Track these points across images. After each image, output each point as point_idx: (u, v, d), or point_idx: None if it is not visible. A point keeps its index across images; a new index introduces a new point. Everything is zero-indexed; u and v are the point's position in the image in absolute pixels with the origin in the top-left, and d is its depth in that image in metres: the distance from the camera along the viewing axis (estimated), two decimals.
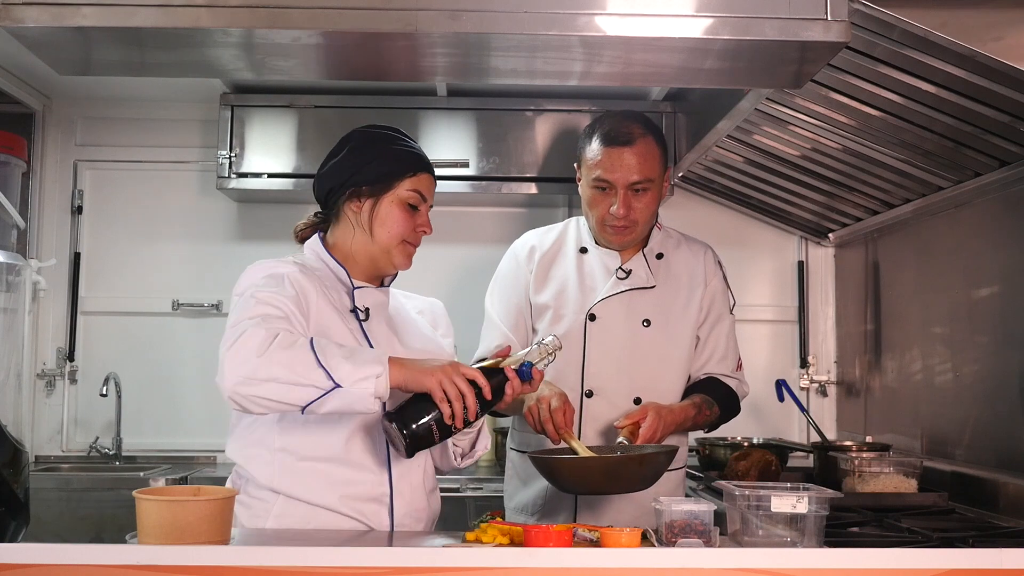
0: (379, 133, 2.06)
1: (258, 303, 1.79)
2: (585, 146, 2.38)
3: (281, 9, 1.69)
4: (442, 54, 1.86)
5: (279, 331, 1.71)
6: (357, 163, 1.99)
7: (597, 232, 2.43)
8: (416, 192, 2.01)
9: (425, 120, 3.65)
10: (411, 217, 2.01)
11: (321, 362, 1.68)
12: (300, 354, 1.68)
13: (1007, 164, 2.50)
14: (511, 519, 2.39)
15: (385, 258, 2.00)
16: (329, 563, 1.42)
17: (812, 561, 1.45)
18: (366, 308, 1.99)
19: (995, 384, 2.66)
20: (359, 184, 1.98)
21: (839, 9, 1.72)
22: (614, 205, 2.32)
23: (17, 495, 2.07)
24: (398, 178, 1.99)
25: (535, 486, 2.43)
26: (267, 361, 1.68)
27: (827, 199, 3.41)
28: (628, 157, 2.30)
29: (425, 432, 1.78)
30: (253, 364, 1.68)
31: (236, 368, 1.69)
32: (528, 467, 2.36)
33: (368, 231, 1.98)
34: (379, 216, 1.98)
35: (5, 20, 1.68)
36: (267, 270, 1.91)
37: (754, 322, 3.93)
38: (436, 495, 2.09)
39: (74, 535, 3.16)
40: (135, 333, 3.93)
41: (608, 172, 2.31)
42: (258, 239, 3.94)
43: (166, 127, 3.96)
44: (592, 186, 2.35)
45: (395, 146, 2.02)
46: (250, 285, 1.86)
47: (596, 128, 2.37)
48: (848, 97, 2.47)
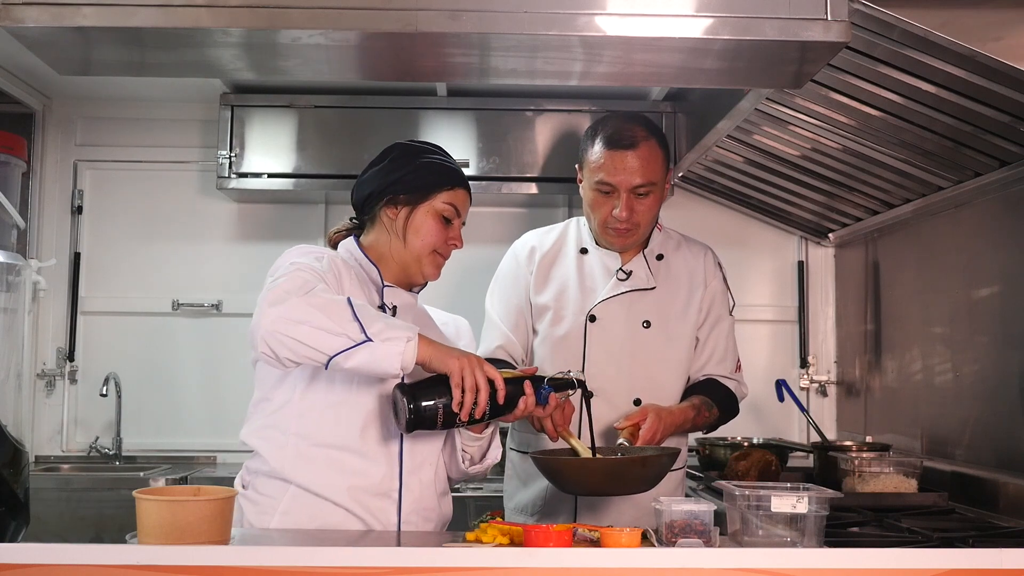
0: (421, 146, 2.13)
1: (297, 269, 1.84)
2: (587, 148, 2.37)
3: (281, 9, 1.69)
4: (442, 54, 1.86)
5: (319, 283, 1.80)
6: (398, 172, 2.05)
7: (599, 234, 2.43)
8: (451, 205, 2.05)
9: (425, 120, 3.64)
10: (444, 229, 2.06)
11: (357, 315, 1.74)
12: (337, 304, 1.75)
13: (1007, 164, 2.50)
14: (511, 519, 2.39)
15: (416, 266, 2.05)
16: (329, 563, 1.42)
17: (812, 561, 1.45)
18: (394, 306, 2.04)
19: (995, 384, 2.66)
20: (397, 192, 2.04)
21: (839, 9, 1.72)
22: (616, 208, 2.32)
23: (17, 495, 2.07)
24: (436, 190, 2.04)
25: (535, 486, 2.43)
26: (305, 303, 1.74)
27: (827, 199, 3.41)
28: (631, 160, 2.30)
29: (430, 413, 1.79)
30: (291, 303, 1.74)
31: (273, 307, 1.73)
32: (528, 467, 2.36)
33: (402, 238, 2.04)
34: (413, 224, 2.03)
35: (5, 20, 1.68)
36: (307, 249, 1.98)
37: (754, 322, 3.93)
38: (448, 499, 2.11)
39: (74, 535, 3.16)
40: (135, 333, 3.93)
41: (611, 175, 2.30)
42: (258, 239, 3.95)
43: (166, 127, 3.96)
44: (594, 188, 2.35)
45: (435, 159, 2.09)
46: (288, 262, 1.91)
47: (599, 130, 2.36)
48: (848, 97, 2.47)
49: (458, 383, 1.77)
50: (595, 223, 2.40)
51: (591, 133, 2.39)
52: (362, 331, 1.72)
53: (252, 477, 1.98)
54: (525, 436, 2.46)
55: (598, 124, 2.39)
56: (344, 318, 1.73)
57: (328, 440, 1.93)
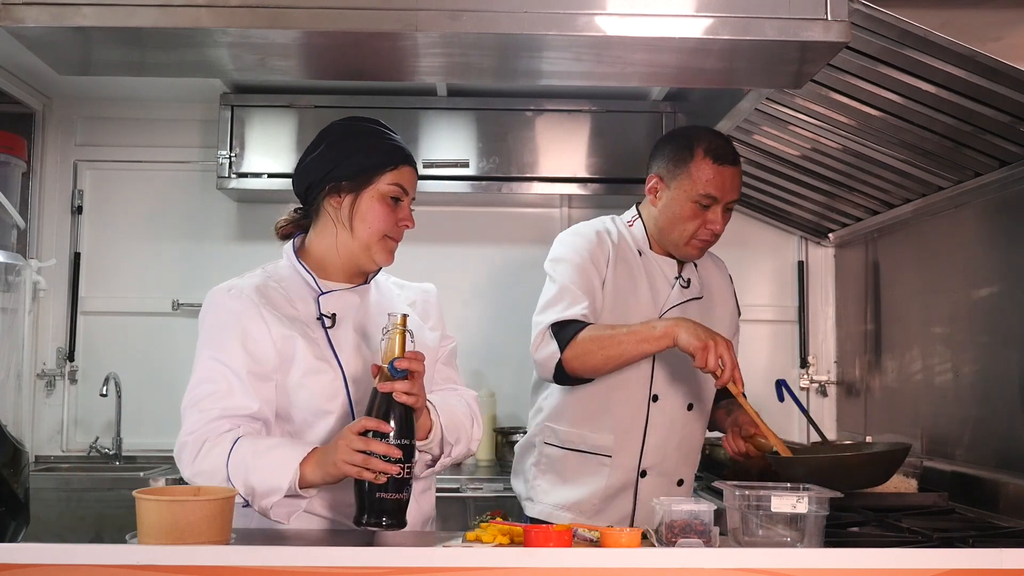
0: (358, 126, 1.99)
1: (199, 382, 1.89)
2: (686, 161, 2.32)
3: (281, 9, 1.69)
4: (442, 54, 1.85)
5: (206, 438, 1.83)
6: (336, 158, 1.93)
7: (679, 244, 2.38)
8: (397, 186, 1.94)
9: (425, 120, 3.65)
10: (392, 211, 1.94)
11: (232, 481, 1.78)
12: (217, 469, 1.80)
13: (1007, 164, 2.50)
14: (552, 517, 2.36)
15: (366, 255, 1.96)
16: (329, 563, 1.42)
17: (812, 561, 1.45)
18: (332, 315, 1.95)
19: (995, 384, 2.66)
20: (338, 179, 1.93)
21: (839, 9, 1.72)
22: (711, 221, 2.32)
23: (17, 495, 2.07)
24: (378, 172, 1.93)
25: (585, 484, 2.38)
26: (197, 472, 1.83)
27: (827, 199, 3.41)
28: (732, 176, 2.32)
29: (386, 504, 1.68)
30: (189, 473, 1.85)
31: (182, 468, 1.88)
32: (575, 465, 2.37)
33: (348, 227, 1.94)
34: (359, 212, 1.93)
35: (5, 20, 1.68)
36: (215, 316, 1.94)
37: (754, 322, 3.93)
38: (428, 496, 2.05)
39: (74, 535, 3.16)
40: (135, 333, 3.93)
41: (717, 189, 2.30)
42: (258, 239, 3.94)
43: (166, 127, 3.96)
44: (694, 201, 2.31)
45: (374, 139, 1.96)
46: (203, 339, 1.94)
47: (697, 143, 2.32)
48: (848, 97, 2.47)
49: (357, 472, 1.69)
50: (681, 234, 2.36)
51: (686, 145, 2.33)
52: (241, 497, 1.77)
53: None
54: (568, 432, 2.40)
55: (692, 137, 2.34)
56: (223, 481, 1.79)
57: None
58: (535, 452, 2.47)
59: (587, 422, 2.38)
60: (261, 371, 1.88)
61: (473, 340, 3.76)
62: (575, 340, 2.23)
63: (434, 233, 3.96)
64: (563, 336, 2.24)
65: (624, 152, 3.69)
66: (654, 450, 2.39)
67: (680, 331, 2.15)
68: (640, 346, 2.19)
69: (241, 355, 1.87)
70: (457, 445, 1.96)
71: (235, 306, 1.91)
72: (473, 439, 2.01)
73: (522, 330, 3.97)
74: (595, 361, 2.23)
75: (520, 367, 3.86)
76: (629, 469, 2.38)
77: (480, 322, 3.94)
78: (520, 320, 4.00)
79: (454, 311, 2.29)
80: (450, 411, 1.96)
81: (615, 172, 3.69)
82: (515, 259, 4.00)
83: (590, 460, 2.38)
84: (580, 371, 2.25)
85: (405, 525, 1.71)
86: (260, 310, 1.90)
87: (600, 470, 2.37)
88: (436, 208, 3.97)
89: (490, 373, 3.89)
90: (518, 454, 2.55)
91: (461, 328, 2.29)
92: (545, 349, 2.27)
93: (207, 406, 1.85)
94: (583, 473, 2.38)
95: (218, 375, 1.87)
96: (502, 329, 3.94)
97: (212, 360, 1.88)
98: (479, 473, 3.53)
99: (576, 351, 2.23)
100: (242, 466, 1.77)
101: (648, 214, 2.44)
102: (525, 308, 4.00)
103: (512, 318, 3.97)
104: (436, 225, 3.98)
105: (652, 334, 2.18)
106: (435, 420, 1.89)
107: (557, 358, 2.24)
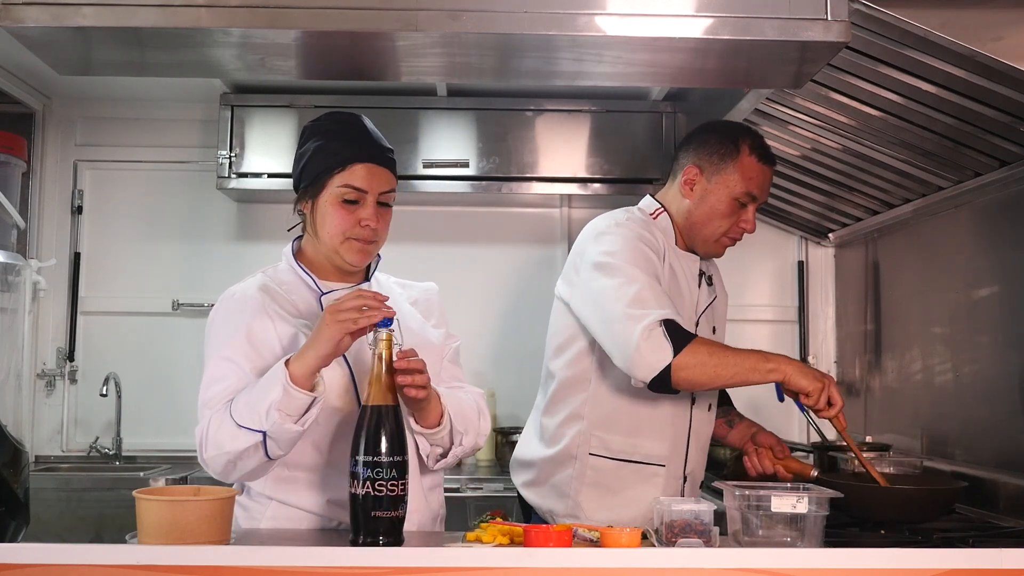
0: (318, 126, 1.96)
1: (211, 381, 1.88)
2: (734, 156, 2.23)
3: (281, 9, 1.69)
4: (442, 54, 1.85)
5: (210, 417, 1.83)
6: (296, 164, 1.96)
7: (709, 242, 2.29)
8: (348, 187, 1.89)
9: (425, 120, 3.64)
10: (350, 213, 1.90)
11: (239, 423, 1.77)
12: (225, 424, 1.80)
13: (1007, 164, 2.50)
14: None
15: (336, 257, 1.94)
16: (329, 563, 1.42)
17: (812, 561, 1.45)
18: None
19: (995, 384, 2.66)
20: (300, 186, 1.95)
21: (839, 9, 1.72)
22: (744, 220, 2.27)
23: (17, 495, 2.07)
24: (327, 175, 1.90)
25: (637, 496, 2.23)
26: (215, 444, 1.81)
27: (827, 199, 3.41)
28: (770, 177, 2.29)
29: (382, 523, 1.64)
30: (211, 453, 1.83)
31: (206, 464, 1.86)
32: (625, 475, 2.24)
33: (315, 233, 1.94)
34: (319, 216, 1.92)
35: (5, 20, 1.68)
36: (223, 318, 1.94)
37: (754, 322, 3.94)
38: (437, 493, 2.04)
39: (74, 535, 3.16)
40: (135, 333, 3.93)
41: (758, 188, 2.25)
42: (258, 239, 3.95)
43: (166, 127, 3.97)
44: (734, 197, 2.23)
45: (325, 140, 1.93)
46: (211, 342, 1.93)
47: (742, 141, 2.24)
48: (848, 97, 2.47)
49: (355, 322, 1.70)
50: (714, 230, 2.27)
51: (731, 139, 2.25)
52: (253, 431, 1.76)
53: (242, 486, 1.99)
54: (622, 443, 2.26)
55: (738, 135, 2.26)
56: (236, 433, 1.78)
57: (302, 462, 1.91)
58: (575, 464, 2.26)
59: (641, 430, 2.25)
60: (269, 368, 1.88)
61: (473, 340, 3.76)
62: (691, 347, 2.03)
63: (434, 233, 3.96)
64: (678, 339, 2.04)
65: (624, 152, 3.70)
66: (695, 454, 2.32)
67: (792, 371, 2.06)
68: (749, 375, 2.07)
69: (250, 353, 1.88)
70: (466, 436, 1.94)
71: (241, 307, 1.93)
72: (481, 432, 1.99)
73: (522, 330, 4.00)
74: (703, 376, 2.05)
75: (520, 367, 3.88)
76: (677, 477, 2.29)
77: (480, 322, 3.94)
78: (520, 320, 4.02)
79: (454, 311, 2.27)
80: (457, 403, 1.96)
81: (615, 172, 3.69)
82: (515, 259, 4.01)
83: (644, 471, 2.25)
84: (682, 381, 2.05)
85: (402, 542, 1.69)
86: (266, 309, 1.92)
87: (653, 480, 2.25)
88: (436, 208, 3.97)
89: (490, 373, 3.88)
90: (543, 467, 2.32)
91: (461, 328, 2.27)
92: (657, 348, 2.03)
93: (218, 403, 1.86)
94: (635, 484, 2.24)
95: (229, 373, 1.87)
96: (502, 329, 3.94)
97: (222, 360, 1.89)
98: (479, 473, 3.53)
99: (689, 360, 2.02)
100: (239, 403, 1.79)
101: (679, 207, 2.30)
102: (525, 308, 4.03)
103: (512, 318, 3.98)
104: (436, 225, 3.98)
105: (764, 366, 2.06)
106: (445, 407, 1.89)
107: (668, 361, 2.02)
